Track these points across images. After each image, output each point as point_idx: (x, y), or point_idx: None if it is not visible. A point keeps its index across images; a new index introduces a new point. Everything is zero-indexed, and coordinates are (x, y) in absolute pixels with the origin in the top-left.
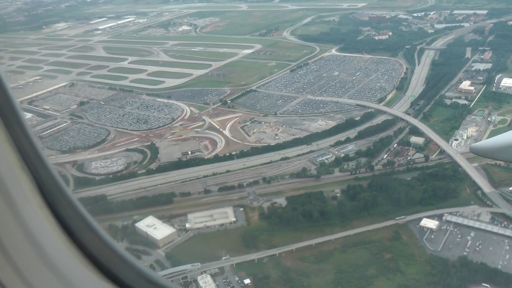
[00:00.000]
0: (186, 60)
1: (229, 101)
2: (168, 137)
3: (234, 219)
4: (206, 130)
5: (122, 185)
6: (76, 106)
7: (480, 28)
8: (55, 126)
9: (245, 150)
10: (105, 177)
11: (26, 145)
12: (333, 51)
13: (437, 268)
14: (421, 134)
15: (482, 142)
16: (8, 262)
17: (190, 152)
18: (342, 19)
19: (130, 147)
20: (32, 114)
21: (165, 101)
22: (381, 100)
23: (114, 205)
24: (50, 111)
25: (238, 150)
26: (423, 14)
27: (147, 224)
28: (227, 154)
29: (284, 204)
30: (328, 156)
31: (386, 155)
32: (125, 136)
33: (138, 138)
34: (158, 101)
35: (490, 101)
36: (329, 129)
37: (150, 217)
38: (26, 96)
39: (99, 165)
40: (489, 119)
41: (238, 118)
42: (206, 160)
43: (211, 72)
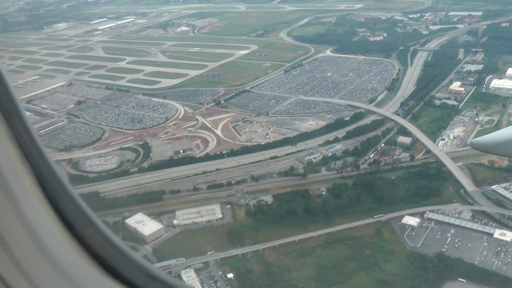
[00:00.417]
0: (182, 60)
1: (222, 101)
2: (161, 136)
3: (221, 216)
4: (199, 130)
5: (115, 182)
6: (73, 105)
7: (474, 29)
8: (52, 125)
9: (235, 149)
10: (98, 174)
11: (27, 140)
12: (327, 52)
13: (415, 263)
14: (409, 134)
15: (482, 138)
16: (9, 257)
17: (182, 150)
18: (338, 20)
19: (124, 146)
20: (30, 113)
21: (160, 101)
22: (372, 100)
23: (107, 202)
24: (47, 110)
25: (229, 149)
26: (419, 15)
27: (137, 220)
28: (218, 153)
29: (270, 201)
30: (316, 155)
31: (373, 155)
32: (119, 135)
33: (132, 137)
34: (153, 100)
35: (479, 101)
36: (319, 129)
37: (140, 213)
38: (25, 95)
39: (94, 163)
40: (476, 120)
41: (230, 118)
42: (197, 158)
43: (207, 72)
